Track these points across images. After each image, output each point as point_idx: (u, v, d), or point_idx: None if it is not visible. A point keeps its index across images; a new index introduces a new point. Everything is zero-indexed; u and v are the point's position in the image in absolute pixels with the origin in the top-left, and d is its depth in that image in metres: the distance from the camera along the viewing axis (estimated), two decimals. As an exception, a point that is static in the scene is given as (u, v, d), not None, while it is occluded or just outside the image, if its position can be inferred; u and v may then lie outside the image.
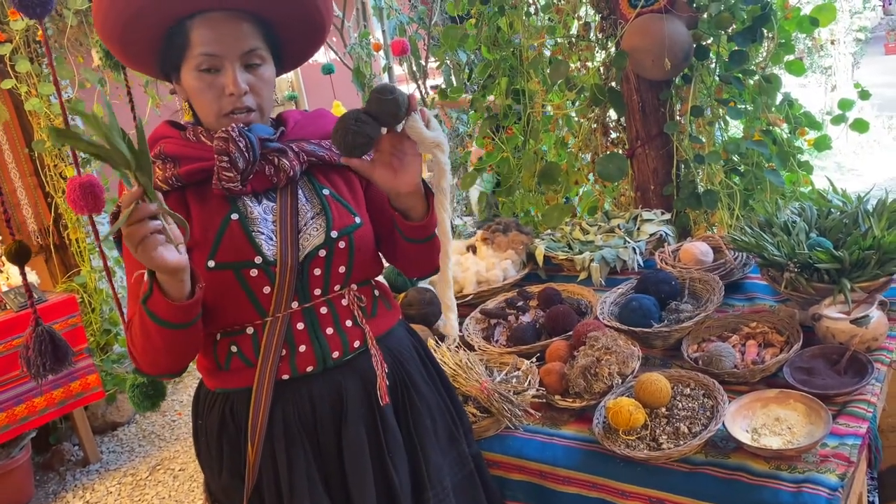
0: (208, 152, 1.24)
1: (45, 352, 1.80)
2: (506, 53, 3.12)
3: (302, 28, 1.33)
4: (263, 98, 1.27)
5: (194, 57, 1.22)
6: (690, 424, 1.51)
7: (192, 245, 1.22)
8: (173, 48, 1.25)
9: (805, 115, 2.65)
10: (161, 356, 1.22)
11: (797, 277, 1.77)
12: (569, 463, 1.56)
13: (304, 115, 1.39)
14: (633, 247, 2.37)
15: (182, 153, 1.26)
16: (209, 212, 1.25)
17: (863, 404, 1.50)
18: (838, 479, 1.32)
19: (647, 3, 2.46)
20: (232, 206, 1.25)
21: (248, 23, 1.24)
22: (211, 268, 1.22)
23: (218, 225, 1.24)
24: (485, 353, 1.95)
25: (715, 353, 1.68)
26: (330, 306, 1.31)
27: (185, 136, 1.30)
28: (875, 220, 1.81)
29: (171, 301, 1.12)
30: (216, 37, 1.21)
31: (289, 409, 1.28)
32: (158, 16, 1.21)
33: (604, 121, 2.93)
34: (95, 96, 3.60)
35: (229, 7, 1.22)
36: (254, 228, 1.25)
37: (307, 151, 1.30)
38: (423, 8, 4.46)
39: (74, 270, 3.91)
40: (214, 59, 1.22)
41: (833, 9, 2.53)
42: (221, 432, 1.31)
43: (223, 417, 1.31)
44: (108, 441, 3.70)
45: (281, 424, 1.27)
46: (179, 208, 1.24)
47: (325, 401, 1.29)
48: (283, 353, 1.27)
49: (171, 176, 1.24)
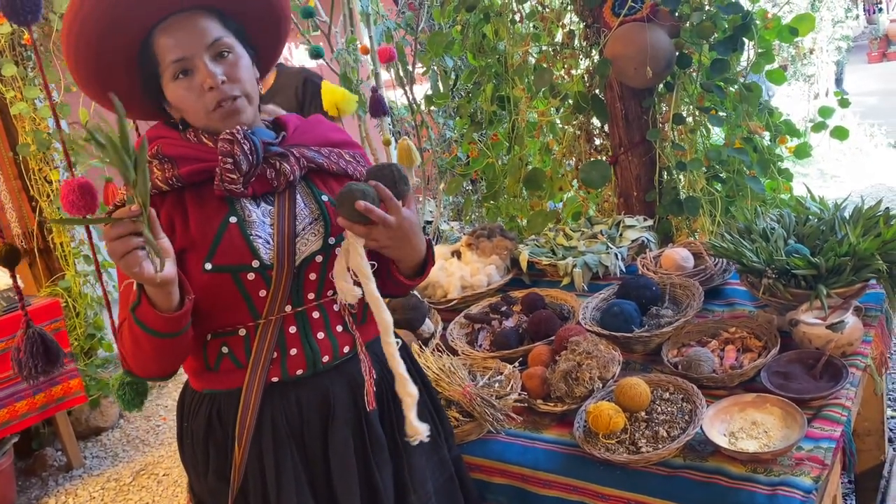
0: (208, 153, 1.24)
1: (37, 353, 1.80)
2: (491, 60, 3.14)
3: (260, 16, 1.33)
4: (244, 83, 1.26)
5: (166, 69, 1.23)
6: (669, 428, 1.53)
7: (189, 246, 1.22)
8: (149, 74, 1.25)
9: (785, 122, 2.69)
10: (150, 361, 1.23)
11: (775, 283, 1.79)
12: (550, 466, 1.58)
13: (303, 121, 1.40)
14: (615, 252, 2.39)
15: (181, 154, 1.25)
16: (207, 213, 1.24)
17: (838, 408, 1.52)
18: (813, 481, 1.35)
19: (629, 12, 2.50)
20: (230, 209, 1.25)
21: (204, 17, 1.24)
22: (208, 270, 1.21)
23: (216, 227, 1.23)
24: (468, 358, 1.96)
25: (694, 358, 1.70)
26: (322, 311, 1.31)
27: (185, 136, 1.29)
28: (851, 228, 1.84)
29: (159, 312, 1.13)
30: (177, 41, 1.21)
31: (277, 412, 1.28)
32: (120, 39, 1.22)
33: (588, 128, 2.96)
34: (81, 100, 3.59)
35: (181, 8, 1.23)
36: (252, 232, 1.25)
37: (307, 157, 1.31)
38: (411, 14, 4.48)
39: (59, 274, 3.89)
40: (184, 62, 1.21)
41: (812, 18, 2.57)
42: (208, 434, 1.32)
43: (210, 419, 1.31)
44: (92, 446, 3.68)
45: (269, 427, 1.28)
46: (177, 209, 1.24)
47: (313, 404, 1.30)
48: (275, 356, 1.28)
49: (171, 176, 1.23)
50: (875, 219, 1.86)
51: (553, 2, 2.95)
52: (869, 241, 1.77)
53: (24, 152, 3.62)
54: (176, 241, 1.20)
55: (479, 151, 3.27)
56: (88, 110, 3.58)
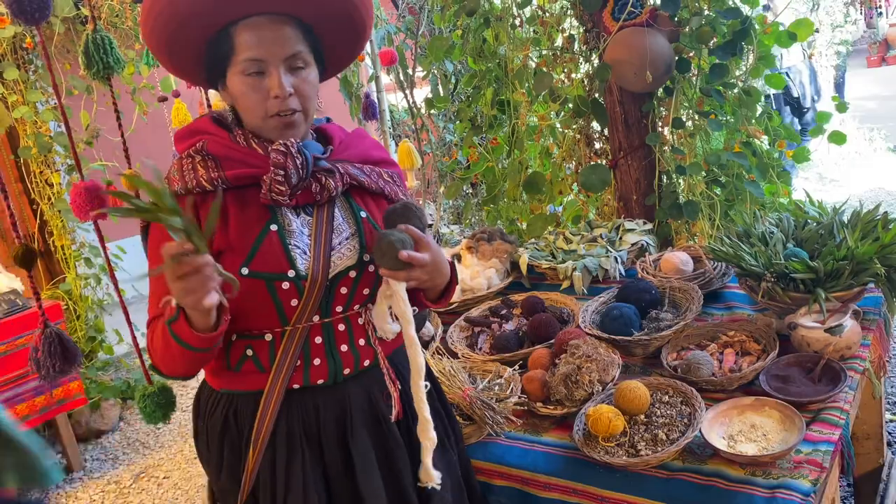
0: (256, 159, 1.26)
1: (55, 353, 1.79)
2: (491, 64, 3.15)
3: (343, 29, 1.34)
4: (308, 101, 1.28)
5: (239, 62, 1.23)
6: (668, 431, 1.54)
7: (226, 248, 1.23)
8: (218, 55, 1.26)
9: (784, 127, 2.70)
10: (178, 366, 1.25)
11: (774, 287, 1.80)
12: (549, 469, 1.58)
13: (347, 135, 1.42)
14: (614, 256, 2.40)
15: (227, 155, 1.26)
16: (248, 218, 1.25)
17: (836, 411, 1.53)
18: (811, 484, 1.35)
19: (629, 17, 2.51)
20: (272, 217, 1.26)
21: (291, 27, 1.26)
22: (244, 275, 1.22)
23: (256, 233, 1.25)
24: (468, 361, 1.97)
25: (693, 362, 1.71)
26: (347, 324, 1.33)
27: (234, 138, 1.29)
28: (849, 232, 1.85)
29: (195, 331, 1.15)
30: (260, 41, 1.22)
31: (294, 418, 1.30)
32: (203, 24, 1.23)
33: (587, 132, 2.97)
34: (82, 104, 3.60)
35: (271, 11, 1.24)
36: (291, 241, 1.26)
37: (351, 175, 1.33)
38: (411, 18, 4.49)
39: (59, 277, 3.90)
40: (259, 63, 1.23)
41: (810, 24, 2.59)
42: (224, 434, 1.33)
43: (226, 419, 1.32)
44: (92, 449, 3.68)
45: (284, 433, 1.29)
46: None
47: (331, 411, 1.31)
48: (297, 364, 1.29)
49: (216, 177, 1.24)
50: (873, 223, 1.87)
51: (553, 6, 2.97)
52: (867, 245, 1.77)
53: (25, 155, 3.63)
54: (214, 242, 1.22)
55: (479, 155, 3.28)
56: (90, 113, 3.60)
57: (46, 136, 3.64)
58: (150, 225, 1.29)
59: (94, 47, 1.87)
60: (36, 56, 3.71)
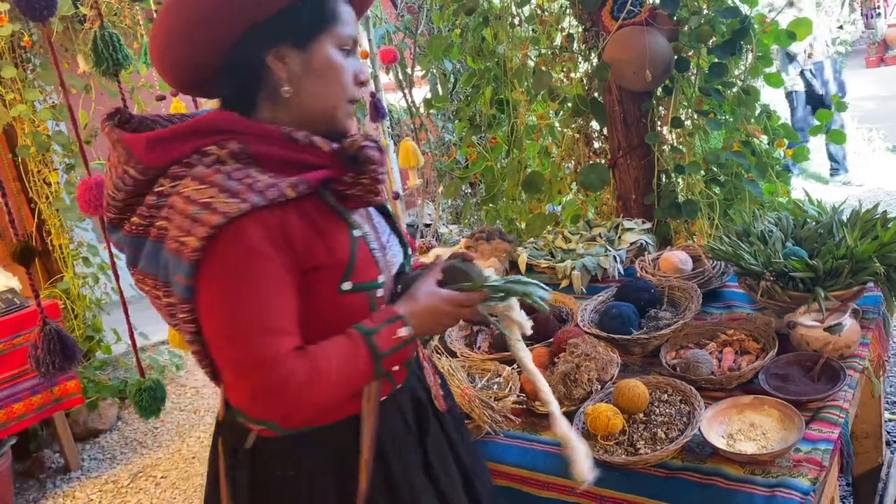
0: (322, 158, 1.10)
1: (55, 350, 1.79)
2: (490, 64, 3.15)
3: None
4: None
5: (337, 35, 1.11)
6: (667, 430, 1.53)
7: (319, 266, 1.08)
8: (315, 13, 1.09)
9: (783, 126, 2.70)
10: (342, 396, 1.09)
11: (773, 286, 1.80)
12: (548, 468, 1.58)
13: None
14: (613, 255, 2.40)
15: (283, 156, 1.08)
16: (332, 227, 1.11)
17: (835, 410, 1.53)
18: (810, 483, 1.35)
19: (628, 16, 2.50)
20: (348, 222, 1.14)
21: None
22: (346, 290, 1.10)
23: (347, 244, 1.12)
24: (467, 360, 1.97)
25: (692, 360, 1.70)
26: None
27: (290, 135, 1.08)
28: (848, 231, 1.85)
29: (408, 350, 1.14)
30: (352, 19, 1.13)
31: (384, 429, 1.19)
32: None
33: (586, 131, 2.96)
34: (80, 102, 3.60)
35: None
36: (372, 246, 1.17)
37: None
38: (410, 17, 4.49)
39: (57, 276, 3.89)
40: (354, 42, 1.14)
41: (809, 23, 2.58)
42: (336, 476, 1.16)
43: (324, 458, 1.15)
44: (90, 448, 3.68)
45: (389, 444, 1.20)
46: (303, 220, 1.07)
47: (411, 413, 1.25)
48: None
49: (297, 182, 1.05)
50: (872, 222, 1.87)
51: (552, 5, 2.96)
52: (866, 244, 1.77)
53: (23, 154, 3.62)
54: (309, 259, 1.07)
55: (478, 154, 3.27)
56: (88, 113, 3.60)
57: (44, 135, 3.64)
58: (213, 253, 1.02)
59: (104, 44, 1.87)
60: (34, 55, 3.70)
